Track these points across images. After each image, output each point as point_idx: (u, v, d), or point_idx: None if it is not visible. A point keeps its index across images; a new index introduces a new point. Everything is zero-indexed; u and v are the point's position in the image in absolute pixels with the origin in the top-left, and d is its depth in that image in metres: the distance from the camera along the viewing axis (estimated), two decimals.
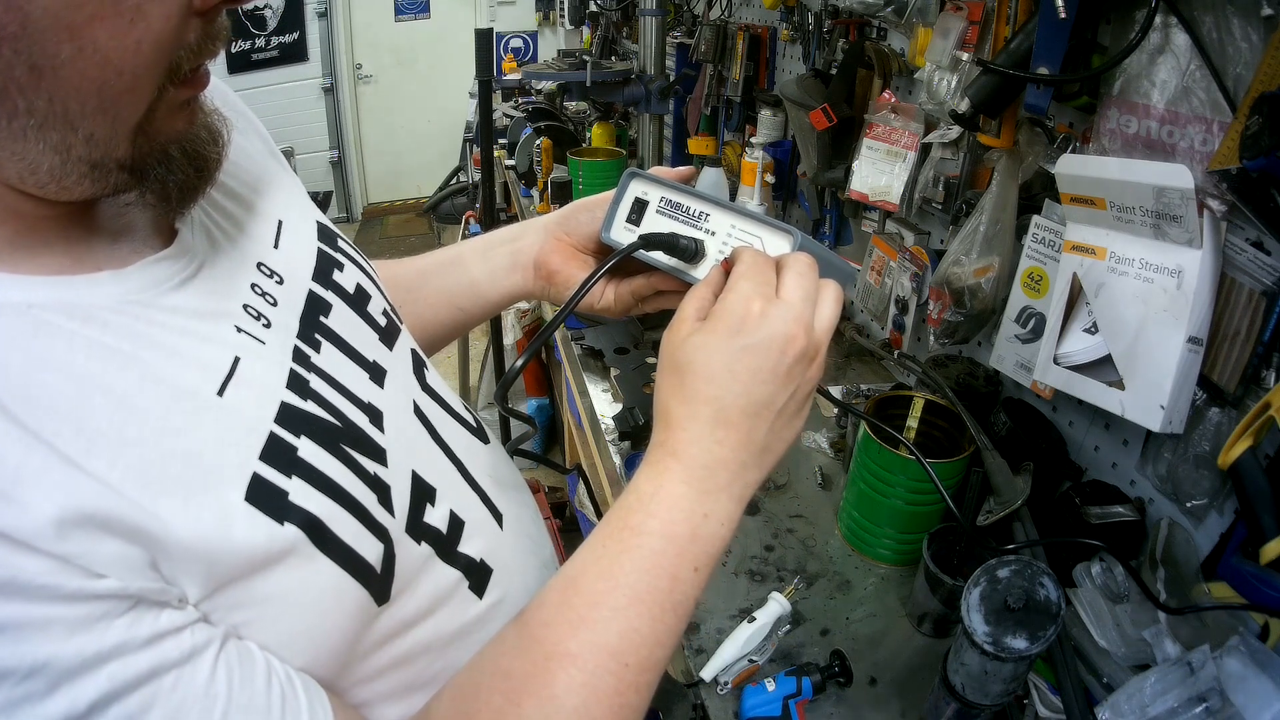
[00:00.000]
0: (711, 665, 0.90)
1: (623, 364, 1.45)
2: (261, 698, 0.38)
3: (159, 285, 0.42)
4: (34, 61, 0.33)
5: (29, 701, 0.31)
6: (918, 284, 1.33)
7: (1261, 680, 0.67)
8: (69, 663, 0.32)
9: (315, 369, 0.48)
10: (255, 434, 0.41)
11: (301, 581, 0.41)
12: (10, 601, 0.31)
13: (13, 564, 0.31)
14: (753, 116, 1.93)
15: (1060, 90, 0.95)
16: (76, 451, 0.34)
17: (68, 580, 0.32)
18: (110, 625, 0.34)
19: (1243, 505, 0.78)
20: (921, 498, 1.02)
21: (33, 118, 0.34)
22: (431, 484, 0.53)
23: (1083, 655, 0.82)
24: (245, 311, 0.46)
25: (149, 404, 0.38)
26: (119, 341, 0.39)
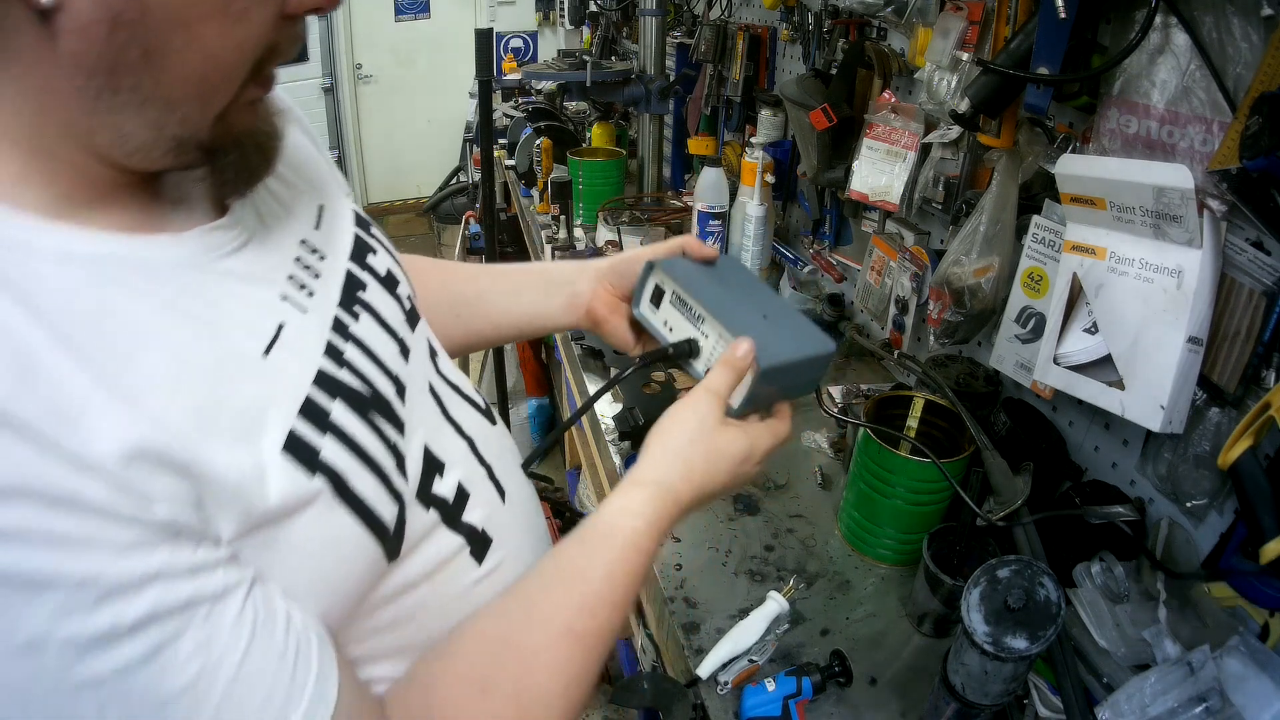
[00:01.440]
0: (708, 663, 0.90)
1: (623, 364, 1.45)
2: (279, 645, 0.41)
3: (212, 251, 0.46)
4: (147, 47, 0.38)
5: (77, 612, 0.34)
6: (918, 284, 1.33)
7: (1261, 680, 0.67)
8: (117, 580, 0.35)
9: (353, 338, 0.52)
10: (294, 394, 0.46)
11: (324, 531, 0.45)
12: (70, 517, 0.34)
13: (76, 484, 0.35)
14: (753, 116, 1.93)
15: (1060, 90, 0.95)
16: (137, 391, 0.38)
17: (124, 505, 0.36)
18: (156, 551, 0.37)
19: (1243, 505, 0.78)
20: (921, 498, 1.02)
21: (136, 95, 0.39)
22: (440, 458, 0.57)
23: (1083, 655, 0.82)
24: (290, 282, 0.50)
25: (202, 357, 0.42)
26: (176, 297, 0.43)
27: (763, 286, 0.76)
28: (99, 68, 0.38)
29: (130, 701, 0.36)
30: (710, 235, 1.91)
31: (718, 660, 0.90)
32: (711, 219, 1.90)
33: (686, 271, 0.71)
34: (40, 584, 0.34)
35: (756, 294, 0.73)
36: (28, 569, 0.33)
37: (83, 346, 0.37)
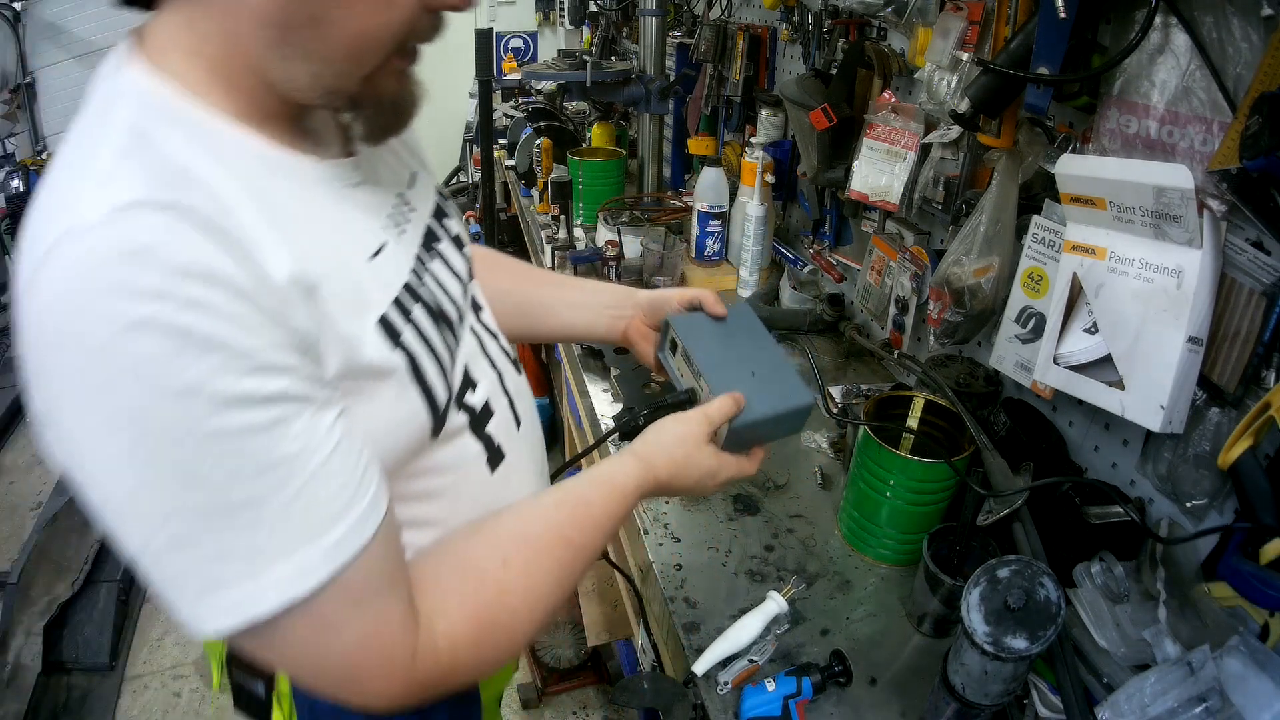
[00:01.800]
0: (704, 660, 0.90)
1: (623, 364, 1.45)
2: (355, 458, 0.53)
3: (339, 180, 0.60)
4: (314, 14, 0.50)
5: (230, 374, 0.46)
6: (918, 284, 1.33)
7: (1261, 680, 0.67)
8: (265, 361, 0.47)
9: (429, 271, 0.67)
10: (388, 291, 0.60)
11: (394, 394, 0.58)
12: (244, 305, 0.47)
13: (256, 286, 0.47)
14: (753, 116, 1.93)
15: (1060, 90, 0.95)
16: (294, 242, 0.51)
17: (282, 313, 0.49)
18: (293, 354, 0.49)
19: (1243, 505, 0.78)
20: (921, 498, 1.02)
21: (301, 49, 0.52)
22: (474, 378, 0.71)
23: (1083, 655, 0.82)
24: (389, 219, 0.65)
25: (332, 243, 0.56)
26: (321, 200, 0.58)
27: (763, 340, 0.87)
28: (275, 23, 0.50)
29: (243, 457, 0.47)
30: (710, 235, 1.91)
31: (714, 658, 0.90)
32: (711, 219, 1.90)
33: (697, 328, 0.85)
34: (211, 345, 0.45)
35: (754, 349, 0.85)
36: (204, 331, 0.45)
37: (260, 200, 0.51)
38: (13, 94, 4.92)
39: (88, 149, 0.50)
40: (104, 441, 0.46)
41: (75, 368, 0.44)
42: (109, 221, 0.45)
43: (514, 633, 0.63)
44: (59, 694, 2.14)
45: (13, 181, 3.94)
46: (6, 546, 2.72)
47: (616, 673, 2.08)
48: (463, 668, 0.61)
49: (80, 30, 5.10)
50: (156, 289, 0.44)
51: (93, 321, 0.43)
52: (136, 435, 0.45)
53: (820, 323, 1.67)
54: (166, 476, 0.46)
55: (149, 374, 0.44)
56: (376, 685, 0.57)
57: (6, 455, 3.29)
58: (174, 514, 0.47)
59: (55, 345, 0.45)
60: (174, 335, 0.44)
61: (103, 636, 2.24)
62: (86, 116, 0.53)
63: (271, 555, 0.49)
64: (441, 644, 0.59)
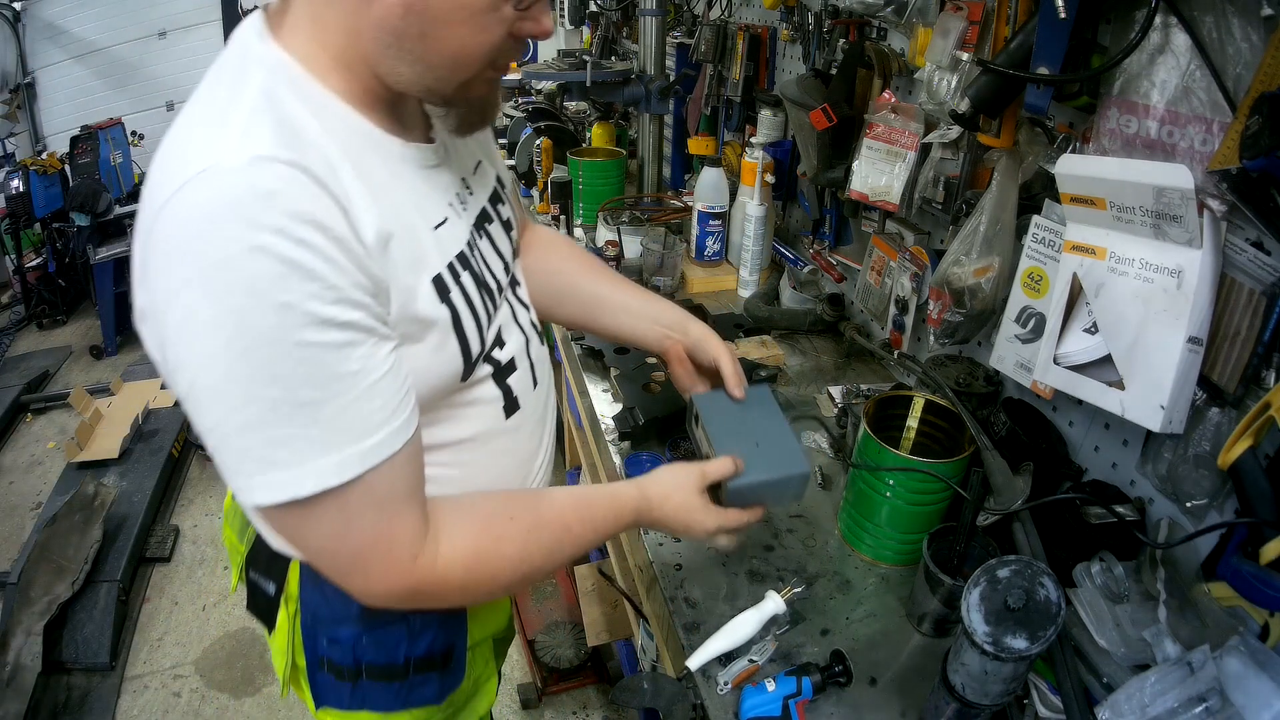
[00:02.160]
0: (698, 655, 0.90)
1: (623, 364, 1.45)
2: (400, 384, 0.66)
3: (420, 161, 0.74)
4: (423, 30, 0.63)
5: (320, 300, 0.58)
6: (918, 284, 1.33)
7: (1261, 680, 0.67)
8: (347, 296, 0.60)
9: (479, 247, 0.80)
10: (444, 257, 0.73)
11: (437, 340, 0.71)
12: (338, 249, 0.59)
13: (350, 234, 0.60)
14: (753, 116, 1.93)
15: (1060, 90, 0.95)
16: (379, 201, 0.64)
17: (365, 260, 0.61)
18: (368, 295, 0.62)
19: (1243, 505, 0.78)
20: (921, 498, 1.02)
21: (409, 55, 0.64)
22: (504, 338, 0.84)
23: (1083, 655, 0.82)
24: (455, 197, 0.79)
25: (406, 213, 0.69)
26: (403, 174, 0.71)
27: (774, 416, 0.97)
28: (391, 30, 0.63)
29: (314, 366, 0.59)
30: (710, 235, 1.91)
31: (709, 654, 0.91)
32: (711, 219, 1.90)
33: (715, 405, 0.98)
34: (310, 276, 0.57)
35: (764, 423, 0.96)
36: (308, 265, 0.57)
37: (357, 166, 0.63)
38: (13, 94, 4.91)
39: (223, 104, 0.61)
40: (208, 335, 0.56)
41: (197, 273, 0.55)
42: (247, 167, 0.56)
43: (499, 575, 0.75)
44: (59, 694, 2.14)
45: (13, 181, 3.94)
46: (6, 546, 2.72)
47: (616, 673, 2.08)
48: (451, 585, 0.72)
49: (80, 30, 5.09)
50: (277, 225, 0.55)
51: (222, 240, 0.55)
52: (236, 334, 0.56)
53: (820, 323, 1.67)
54: (252, 370, 0.57)
55: (258, 288, 0.55)
56: (377, 576, 0.68)
57: (6, 455, 3.29)
58: (250, 401, 0.58)
59: (183, 253, 0.55)
60: (284, 263, 0.56)
61: (103, 636, 2.24)
62: (220, 75, 0.64)
63: (319, 449, 0.60)
64: (441, 558, 0.70)
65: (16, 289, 4.41)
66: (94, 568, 2.36)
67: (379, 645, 0.84)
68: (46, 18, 5.01)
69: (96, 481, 2.64)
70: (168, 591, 2.55)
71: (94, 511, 2.50)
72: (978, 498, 0.89)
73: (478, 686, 0.99)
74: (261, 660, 2.28)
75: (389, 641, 0.84)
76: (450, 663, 0.89)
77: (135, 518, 2.64)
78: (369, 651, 0.84)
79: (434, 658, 0.87)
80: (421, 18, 0.61)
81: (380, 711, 0.88)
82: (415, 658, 0.86)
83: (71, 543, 2.40)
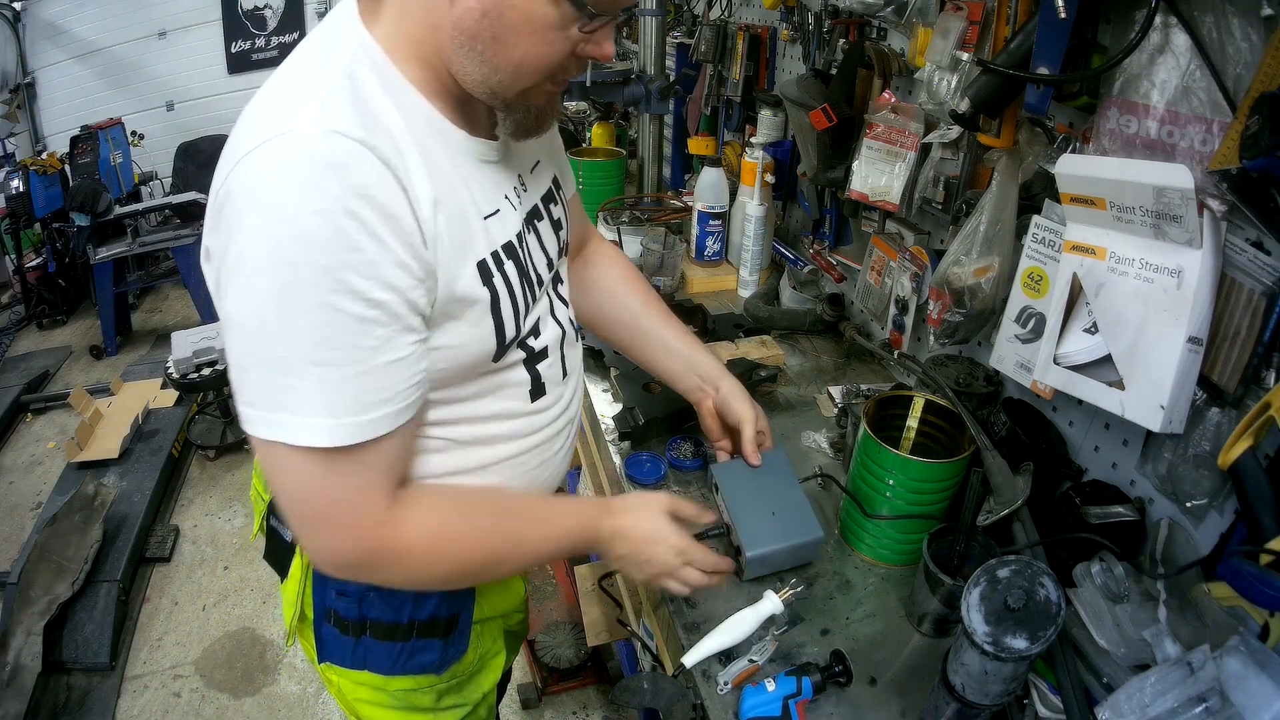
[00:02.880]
0: (694, 653, 0.90)
1: (623, 364, 1.45)
2: (407, 375, 0.70)
3: (480, 155, 0.79)
4: (495, 35, 0.68)
5: (356, 272, 0.63)
6: (918, 284, 1.33)
7: (1261, 680, 0.67)
8: (384, 275, 0.65)
9: (525, 241, 0.84)
10: (491, 245, 0.77)
11: (475, 318, 0.76)
12: (387, 228, 0.64)
13: (403, 212, 0.66)
14: (753, 116, 1.93)
15: (1060, 90, 0.95)
16: (438, 189, 0.70)
17: (415, 239, 0.67)
18: (408, 277, 0.67)
19: (1243, 505, 0.78)
20: (921, 498, 1.02)
21: (479, 56, 0.69)
22: (540, 329, 0.88)
23: (1083, 655, 0.82)
24: (511, 191, 0.83)
25: (461, 199, 0.74)
26: (463, 164, 0.76)
27: (788, 482, 1.06)
28: (465, 30, 0.68)
29: (335, 330, 0.64)
30: (710, 235, 1.91)
31: (705, 651, 0.91)
32: (711, 219, 1.90)
33: (733, 473, 1.07)
34: (353, 248, 0.63)
35: (778, 490, 1.05)
36: (354, 238, 0.62)
37: (422, 150, 0.69)
38: (13, 94, 4.91)
39: (309, 78, 0.67)
40: (255, 276, 0.63)
41: (261, 219, 0.62)
42: (322, 138, 0.62)
43: (461, 554, 0.80)
44: (59, 694, 2.14)
45: (13, 181, 3.94)
46: (6, 546, 2.72)
47: (616, 673, 2.08)
48: (412, 555, 0.75)
49: (80, 30, 5.09)
50: (338, 194, 0.61)
51: (288, 197, 0.61)
52: (278, 283, 0.62)
53: (820, 323, 1.67)
54: (282, 318, 0.63)
55: (307, 247, 0.61)
56: (340, 532, 0.72)
57: (6, 455, 3.29)
58: (274, 343, 0.64)
59: (253, 201, 0.62)
60: (335, 230, 0.61)
61: (103, 636, 2.24)
62: (310, 50, 0.71)
63: (319, 410, 0.65)
64: (406, 526, 0.74)
65: (16, 289, 4.41)
66: (94, 568, 2.36)
67: (385, 602, 0.86)
68: (46, 18, 5.01)
69: (96, 481, 2.64)
70: (168, 591, 2.55)
71: (94, 511, 2.50)
72: (978, 498, 0.89)
73: (483, 663, 1.00)
74: (261, 660, 2.28)
75: (395, 599, 0.86)
76: (453, 631, 0.91)
77: (135, 518, 2.64)
78: (375, 607, 0.87)
79: (438, 623, 0.89)
80: (495, 23, 0.68)
81: (380, 674, 0.90)
82: (419, 620, 0.88)
83: (71, 543, 2.40)
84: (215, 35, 5.24)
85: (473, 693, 1.00)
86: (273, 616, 2.43)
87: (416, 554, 0.76)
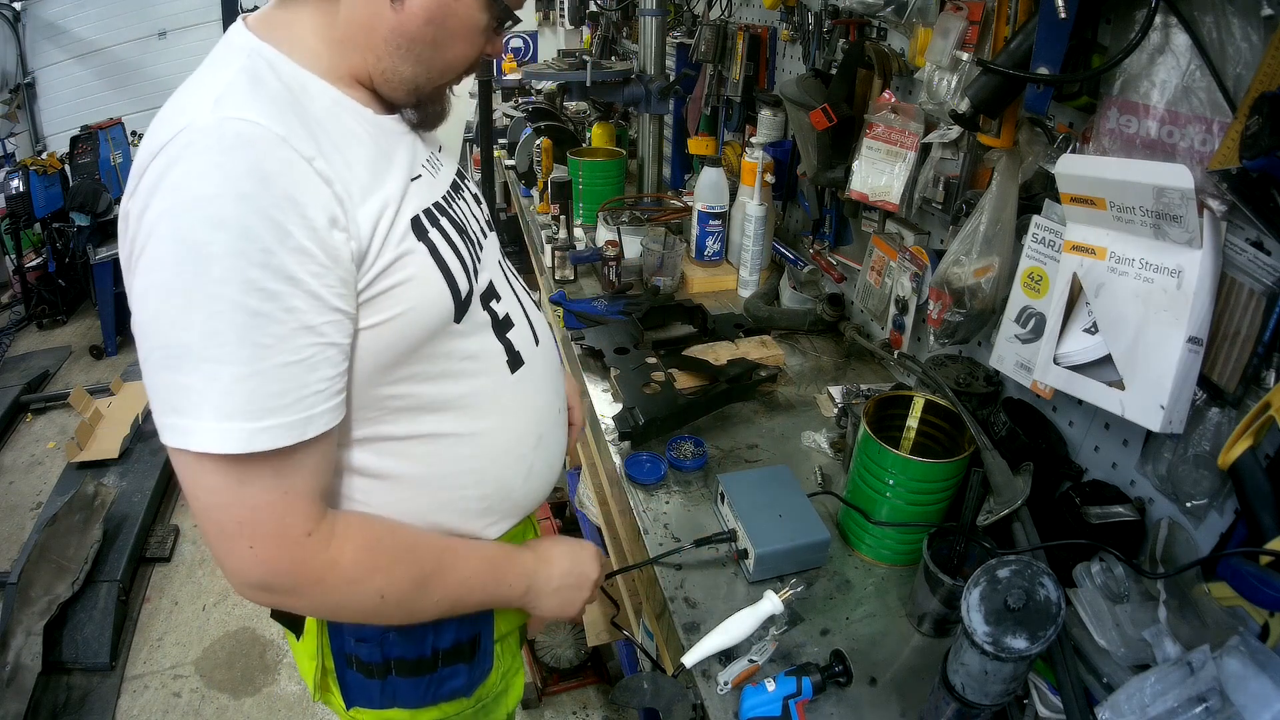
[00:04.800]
0: (694, 652, 0.90)
1: (623, 364, 1.45)
2: (310, 377, 0.65)
3: (392, 130, 0.78)
4: (436, 39, 0.74)
5: (249, 260, 0.60)
6: (918, 284, 1.33)
7: (1261, 680, 0.67)
8: (279, 263, 0.62)
9: (455, 202, 0.84)
10: (422, 203, 0.76)
11: (419, 271, 0.73)
12: (290, 203, 0.62)
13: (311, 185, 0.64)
14: (753, 116, 1.93)
15: (1060, 90, 0.95)
16: (356, 157, 0.70)
17: (330, 214, 0.65)
18: (312, 264, 0.63)
19: (1243, 505, 0.78)
20: (921, 498, 1.02)
21: (414, 56, 0.74)
22: (498, 292, 0.87)
23: (1083, 655, 0.82)
24: (427, 162, 0.82)
25: (383, 163, 0.73)
26: (377, 135, 0.75)
27: (792, 491, 1.10)
28: (406, 34, 0.72)
29: (226, 323, 0.60)
30: (710, 235, 1.91)
31: (705, 651, 0.91)
32: (711, 219, 1.90)
33: (740, 482, 1.11)
34: (246, 236, 0.60)
35: (783, 498, 1.08)
36: (245, 225, 0.60)
37: (332, 121, 0.70)
38: (13, 94, 4.91)
39: (204, 80, 0.67)
40: (149, 270, 0.61)
41: (157, 216, 0.60)
42: (215, 125, 0.61)
43: (390, 571, 0.75)
44: (59, 694, 2.14)
45: (13, 181, 3.94)
46: (6, 546, 2.72)
47: (616, 673, 2.08)
48: (339, 570, 0.71)
49: (80, 30, 5.10)
50: (230, 179, 0.60)
51: (182, 192, 0.60)
52: (171, 273, 0.60)
53: (820, 323, 1.67)
54: (176, 310, 0.61)
55: (200, 236, 0.59)
56: (262, 545, 0.67)
57: (6, 455, 3.29)
58: (167, 339, 0.62)
59: (153, 200, 0.60)
60: (223, 219, 0.59)
61: (103, 636, 2.24)
62: (205, 67, 0.70)
63: (209, 410, 0.62)
64: (335, 539, 0.71)
65: (16, 289, 4.42)
66: (94, 568, 2.37)
67: (406, 639, 0.85)
68: (46, 18, 5.01)
69: (96, 481, 2.64)
70: (168, 591, 2.55)
71: (94, 511, 2.50)
72: (978, 498, 0.89)
73: (507, 682, 0.99)
74: (261, 660, 2.28)
75: (416, 633, 0.85)
76: (477, 653, 0.90)
77: (135, 518, 2.64)
78: (397, 646, 0.85)
79: (461, 648, 0.88)
80: (438, 29, 0.73)
81: (411, 708, 0.88)
82: (443, 649, 0.87)
83: (71, 543, 2.40)
84: (215, 35, 5.18)
85: (498, 713, 0.99)
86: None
87: (345, 564, 0.71)
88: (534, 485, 0.93)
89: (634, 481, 1.22)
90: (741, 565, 1.05)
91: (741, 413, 1.40)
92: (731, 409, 1.40)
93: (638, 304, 1.70)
